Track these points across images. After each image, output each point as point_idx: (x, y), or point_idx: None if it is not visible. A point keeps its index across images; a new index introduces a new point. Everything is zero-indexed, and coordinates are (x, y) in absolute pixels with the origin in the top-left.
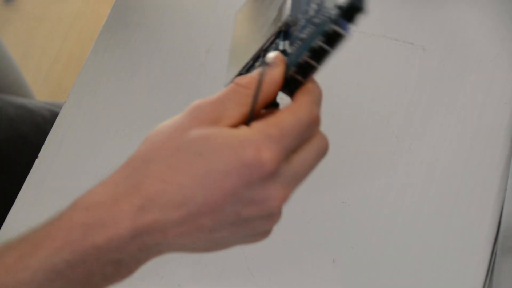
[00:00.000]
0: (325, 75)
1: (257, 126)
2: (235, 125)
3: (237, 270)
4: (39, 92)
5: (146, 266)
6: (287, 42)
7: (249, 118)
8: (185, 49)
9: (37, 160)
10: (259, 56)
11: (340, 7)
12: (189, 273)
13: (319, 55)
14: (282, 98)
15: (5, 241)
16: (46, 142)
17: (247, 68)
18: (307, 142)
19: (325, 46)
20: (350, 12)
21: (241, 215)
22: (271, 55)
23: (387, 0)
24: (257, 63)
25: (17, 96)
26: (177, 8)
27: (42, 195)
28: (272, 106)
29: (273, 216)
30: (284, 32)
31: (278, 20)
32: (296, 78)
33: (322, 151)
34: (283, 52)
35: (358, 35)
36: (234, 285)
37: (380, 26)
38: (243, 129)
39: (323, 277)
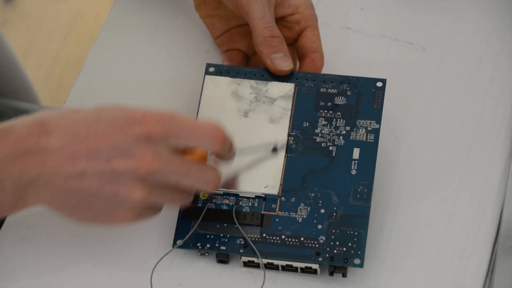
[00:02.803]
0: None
1: None
2: None
3: (237, 270)
4: (39, 92)
5: (146, 266)
6: None
7: None
8: (185, 49)
9: None
10: None
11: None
12: (188, 273)
13: None
14: None
15: None
16: None
17: None
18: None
19: None
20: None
21: (111, 164)
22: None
23: (387, 0)
24: None
25: (20, 101)
26: (177, 8)
27: None
28: None
29: (139, 183)
30: None
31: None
32: None
33: (206, 174)
34: None
35: (358, 35)
36: (234, 285)
37: (380, 26)
38: None
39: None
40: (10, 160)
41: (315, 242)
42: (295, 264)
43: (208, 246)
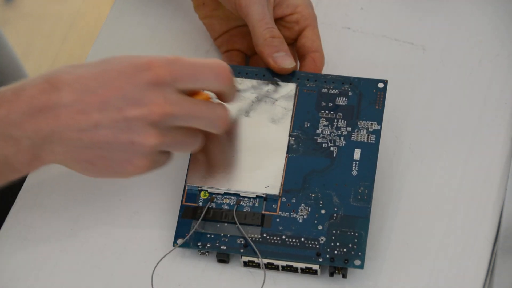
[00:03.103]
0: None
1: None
2: None
3: (237, 270)
4: None
5: (146, 266)
6: None
7: None
8: (185, 49)
9: None
10: None
11: None
12: (189, 273)
13: None
14: None
15: None
16: None
17: None
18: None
19: None
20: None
21: (124, 113)
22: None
23: (387, 0)
24: None
25: None
26: (177, 8)
27: (42, 195)
28: None
29: (153, 129)
30: None
31: None
32: None
33: (217, 112)
34: None
35: (358, 35)
36: (235, 285)
37: (380, 26)
38: None
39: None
40: (25, 118)
41: (316, 243)
42: (295, 264)
43: (208, 245)
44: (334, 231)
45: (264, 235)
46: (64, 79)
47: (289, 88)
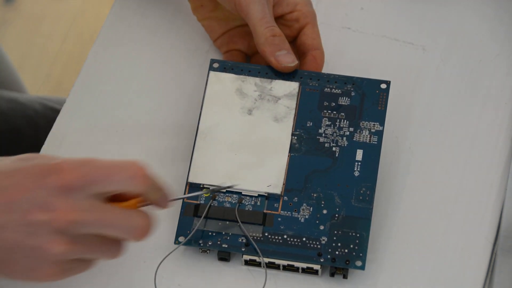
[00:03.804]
0: None
1: None
2: None
3: (237, 268)
4: (39, 92)
5: (146, 266)
6: None
7: None
8: (185, 49)
9: None
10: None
11: None
12: (189, 271)
13: None
14: None
15: None
16: (46, 142)
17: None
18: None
19: None
20: None
21: (28, 216)
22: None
23: (387, 0)
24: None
25: (10, 91)
26: (177, 8)
27: None
28: None
29: (59, 236)
30: None
31: None
32: None
33: (134, 221)
34: None
35: (358, 35)
36: (235, 283)
37: (380, 26)
38: None
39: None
40: None
41: (317, 243)
42: (296, 264)
43: (210, 243)
44: (335, 232)
45: (266, 234)
46: None
47: (292, 87)
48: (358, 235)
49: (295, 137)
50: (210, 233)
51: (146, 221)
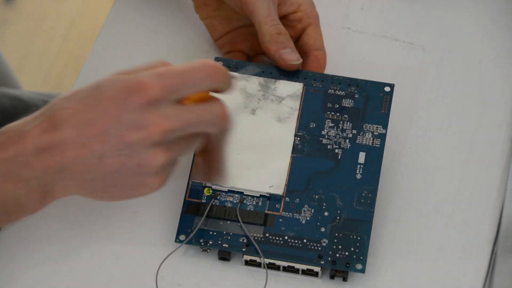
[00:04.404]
0: None
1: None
2: None
3: (238, 268)
4: None
5: (146, 265)
6: None
7: None
8: (185, 49)
9: None
10: None
11: None
12: (189, 270)
13: None
14: None
15: None
16: None
17: None
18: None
19: None
20: None
21: (125, 139)
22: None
23: (387, 0)
24: None
25: (8, 88)
26: (177, 8)
27: None
28: None
29: (157, 148)
30: None
31: None
32: None
33: (214, 112)
34: None
35: (358, 35)
36: (235, 283)
37: (380, 26)
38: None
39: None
40: (32, 159)
41: (318, 245)
42: (296, 265)
43: (210, 243)
44: (336, 234)
45: (267, 234)
46: (62, 115)
47: (296, 88)
48: (359, 238)
49: (298, 138)
50: (211, 233)
51: (224, 109)
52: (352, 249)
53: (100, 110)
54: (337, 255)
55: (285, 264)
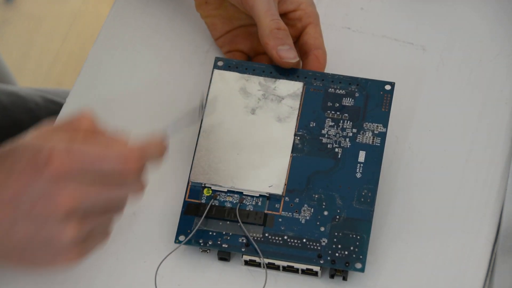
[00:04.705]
0: None
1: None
2: None
3: (237, 268)
4: None
5: (145, 265)
6: None
7: None
8: (185, 49)
9: None
10: None
11: None
12: (189, 270)
13: None
14: None
15: None
16: None
17: None
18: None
19: None
20: None
21: (36, 209)
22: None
23: (387, 0)
24: None
25: (8, 84)
26: (177, 8)
27: None
28: None
29: (69, 221)
30: None
31: None
32: None
33: (129, 190)
34: None
35: (358, 35)
36: (235, 283)
37: (380, 26)
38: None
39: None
40: None
41: (317, 244)
42: (296, 265)
43: (210, 243)
44: (336, 233)
45: (266, 234)
46: None
47: (296, 87)
48: (358, 237)
49: (298, 138)
50: (210, 233)
51: (140, 182)
52: (351, 248)
53: (13, 177)
54: (337, 254)
55: (285, 263)
